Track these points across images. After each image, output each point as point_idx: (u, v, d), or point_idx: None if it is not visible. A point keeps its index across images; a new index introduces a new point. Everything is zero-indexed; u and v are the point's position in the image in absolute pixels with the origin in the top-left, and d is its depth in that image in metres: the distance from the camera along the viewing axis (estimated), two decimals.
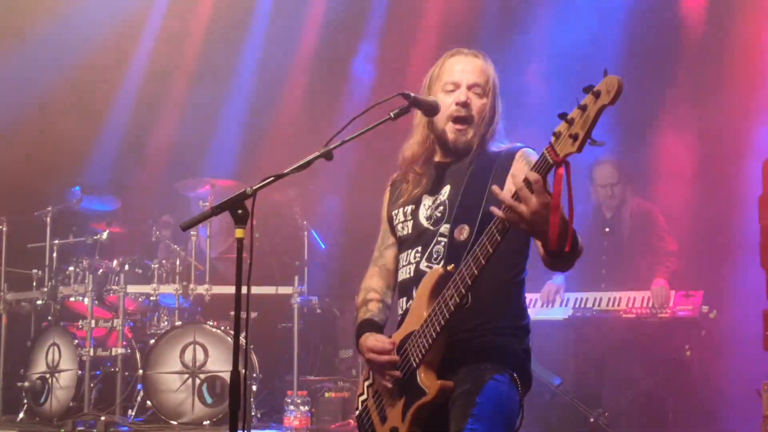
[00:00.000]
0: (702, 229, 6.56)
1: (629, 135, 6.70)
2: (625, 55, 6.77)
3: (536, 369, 3.09)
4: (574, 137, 2.42)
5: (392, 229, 3.26)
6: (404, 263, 3.14)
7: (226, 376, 5.94)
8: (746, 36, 6.55)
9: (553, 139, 2.48)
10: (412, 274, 3.07)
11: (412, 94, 3.01)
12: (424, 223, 3.11)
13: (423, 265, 3.04)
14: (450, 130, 3.11)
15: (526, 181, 2.53)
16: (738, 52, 6.58)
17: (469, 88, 3.10)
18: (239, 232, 2.78)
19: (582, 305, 6.33)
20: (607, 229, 6.67)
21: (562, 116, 2.46)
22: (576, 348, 6.38)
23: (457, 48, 3.20)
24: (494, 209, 2.62)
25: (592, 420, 6.07)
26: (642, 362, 6.16)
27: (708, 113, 6.60)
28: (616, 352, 6.22)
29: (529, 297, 3.19)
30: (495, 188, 2.64)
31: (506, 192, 2.70)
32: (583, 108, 2.41)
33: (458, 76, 3.12)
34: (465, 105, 3.08)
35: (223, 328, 6.56)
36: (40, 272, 7.25)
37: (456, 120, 3.09)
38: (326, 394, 6.76)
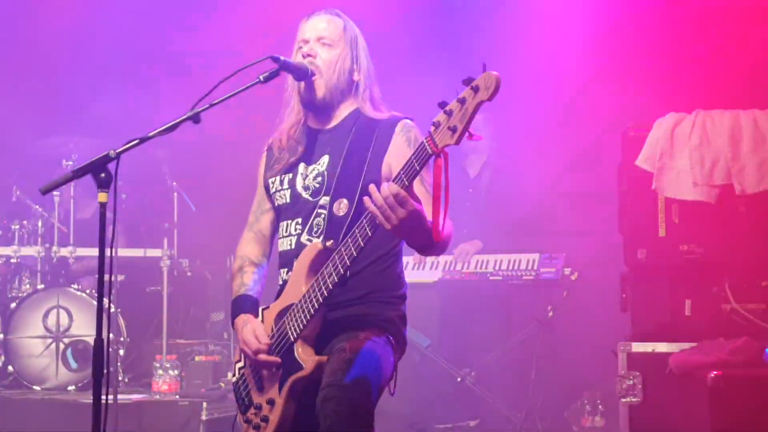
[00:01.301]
0: (567, 194, 6.77)
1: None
2: None
3: (407, 331, 3.14)
4: (453, 129, 2.45)
5: (269, 196, 3.24)
6: (285, 233, 3.14)
7: (91, 340, 5.80)
8: None
9: (432, 128, 2.51)
10: (293, 246, 3.08)
11: (282, 57, 3.00)
12: (303, 193, 3.11)
13: (304, 238, 3.05)
14: (302, 87, 3.11)
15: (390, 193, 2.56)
16: None
17: (317, 40, 3.11)
18: (102, 196, 2.71)
19: (452, 268, 6.47)
20: (470, 190, 6.81)
21: (442, 106, 2.49)
22: (444, 310, 6.51)
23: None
24: (369, 205, 2.63)
25: (459, 379, 6.24)
26: (507, 323, 6.35)
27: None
28: (482, 314, 6.39)
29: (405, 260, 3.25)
30: (371, 187, 2.64)
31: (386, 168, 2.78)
32: (462, 101, 2.44)
33: (307, 33, 3.14)
34: (308, 55, 3.09)
35: (88, 291, 6.40)
36: None
37: None
38: (196, 358, 6.68)
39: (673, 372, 4.38)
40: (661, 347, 4.50)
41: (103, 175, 2.71)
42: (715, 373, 4.16)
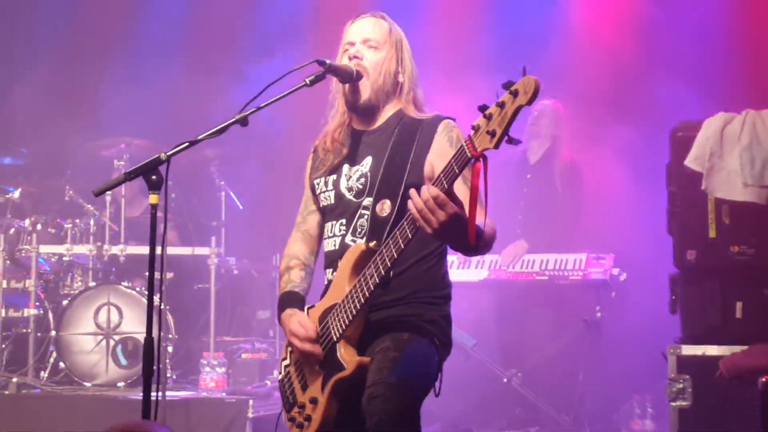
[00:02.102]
0: (615, 194, 6.70)
1: None
2: None
3: (452, 331, 3.15)
4: (492, 134, 2.45)
5: (315, 197, 3.27)
6: (330, 234, 3.16)
7: (141, 338, 5.89)
8: None
9: (472, 132, 2.51)
10: (337, 247, 3.10)
11: (328, 61, 3.03)
12: (346, 194, 3.14)
13: (348, 239, 3.08)
14: (347, 89, 3.13)
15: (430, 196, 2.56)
16: None
17: (363, 42, 3.13)
18: (153, 198, 2.77)
19: (497, 267, 6.43)
20: (528, 176, 6.72)
21: (482, 109, 2.49)
22: (490, 310, 6.49)
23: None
24: (411, 208, 2.63)
25: (505, 380, 6.21)
26: (554, 323, 6.31)
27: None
28: (528, 314, 6.36)
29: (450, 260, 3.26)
30: (412, 191, 2.65)
31: (428, 168, 2.74)
32: (501, 105, 2.44)
33: (353, 36, 3.17)
34: (355, 57, 3.11)
35: (138, 288, 6.48)
36: None
37: None
38: (243, 356, 6.74)
39: (723, 375, 4.31)
40: (712, 350, 4.43)
41: (154, 177, 2.77)
42: (766, 377, 4.09)
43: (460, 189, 2.76)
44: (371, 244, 2.93)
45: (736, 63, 6.26)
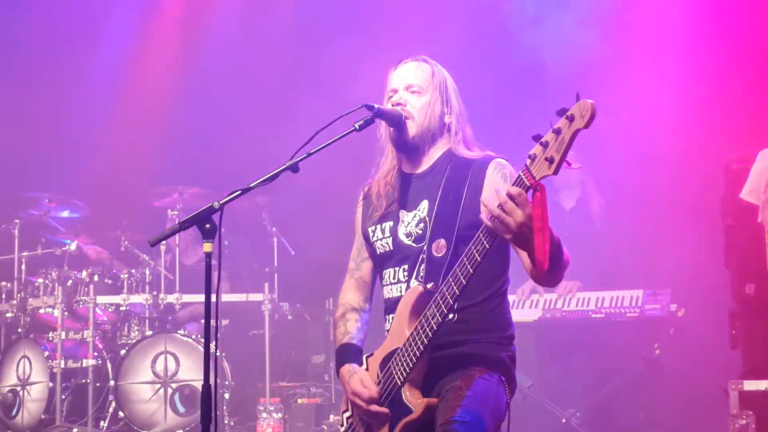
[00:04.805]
0: (672, 228, 6.62)
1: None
2: None
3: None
4: (550, 160, 2.45)
5: (369, 245, 3.28)
6: (392, 280, 3.16)
7: (198, 385, 5.93)
8: None
9: (528, 161, 2.51)
10: (402, 293, 3.08)
11: (376, 106, 3.05)
12: (405, 240, 3.14)
13: (413, 284, 3.06)
14: (393, 130, 3.16)
15: (509, 195, 2.55)
16: None
17: (406, 88, 3.15)
18: (207, 246, 2.80)
19: (551, 306, 6.37)
20: (567, 221, 6.73)
21: (536, 138, 2.49)
22: (545, 349, 6.42)
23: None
24: (483, 217, 2.64)
25: (564, 420, 6.12)
26: (612, 362, 6.22)
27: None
28: (585, 353, 6.27)
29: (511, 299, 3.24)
30: (484, 199, 2.67)
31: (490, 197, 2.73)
32: (557, 131, 2.44)
33: (395, 83, 3.20)
34: (398, 104, 3.14)
35: (194, 336, 6.54)
36: (8, 284, 7.18)
37: None
38: (299, 401, 6.75)
39: None
40: None
41: (208, 225, 2.79)
42: None
43: None
44: (429, 286, 2.92)
45: None
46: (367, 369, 3.11)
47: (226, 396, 6.55)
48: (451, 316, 2.94)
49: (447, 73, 3.24)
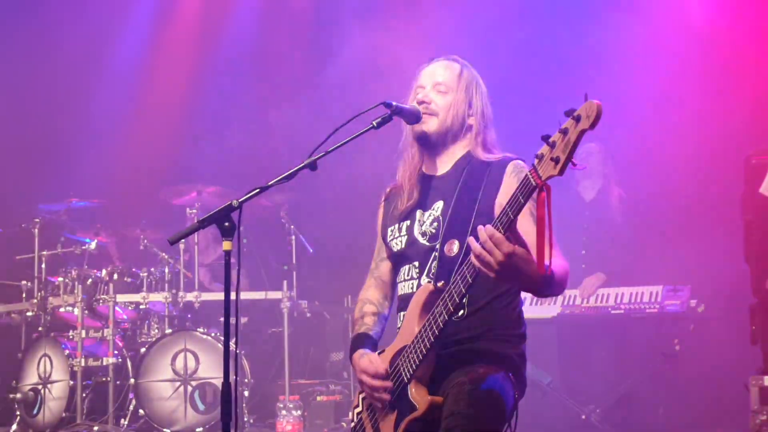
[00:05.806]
0: (691, 224, 6.59)
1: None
2: None
3: (527, 368, 3.12)
4: (556, 160, 2.45)
5: (386, 244, 3.30)
6: (405, 278, 3.19)
7: (218, 383, 5.96)
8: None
9: (535, 161, 2.51)
10: (414, 290, 3.10)
11: (394, 103, 3.06)
12: (420, 239, 3.15)
13: (424, 281, 3.08)
14: (414, 127, 3.17)
15: (488, 234, 2.57)
16: None
17: (433, 87, 3.17)
18: (226, 245, 2.82)
19: (570, 303, 6.36)
20: (587, 213, 6.68)
21: (545, 138, 2.49)
22: (564, 345, 6.41)
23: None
24: (473, 245, 2.64)
25: (583, 417, 6.11)
26: (631, 358, 6.20)
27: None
28: (605, 349, 6.26)
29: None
30: (470, 238, 2.67)
31: (498, 209, 2.72)
32: (564, 132, 2.44)
33: (424, 80, 3.21)
34: (423, 102, 3.15)
35: (213, 334, 6.56)
36: (29, 284, 7.23)
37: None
38: (318, 398, 6.77)
39: None
40: None
41: (227, 224, 2.80)
42: None
43: (527, 223, 2.75)
44: (439, 284, 2.93)
45: None
46: None
47: (246, 393, 6.57)
48: (460, 313, 2.96)
49: (478, 75, 3.25)
